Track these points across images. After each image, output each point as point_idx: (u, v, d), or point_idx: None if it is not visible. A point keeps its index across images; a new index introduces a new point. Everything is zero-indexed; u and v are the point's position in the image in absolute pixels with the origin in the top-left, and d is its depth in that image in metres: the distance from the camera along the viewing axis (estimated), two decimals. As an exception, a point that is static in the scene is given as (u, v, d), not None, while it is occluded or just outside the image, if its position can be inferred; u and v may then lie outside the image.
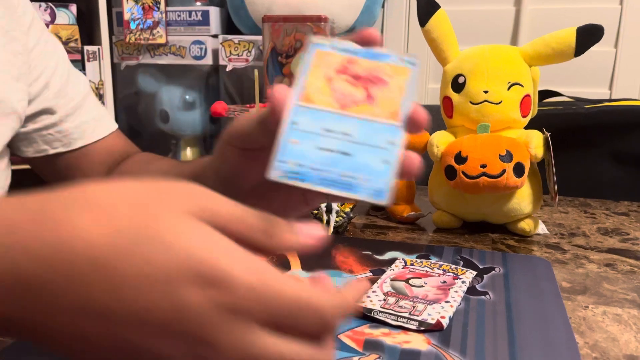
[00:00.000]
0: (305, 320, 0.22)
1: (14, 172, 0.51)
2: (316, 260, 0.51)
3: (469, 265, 0.52)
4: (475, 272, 0.49)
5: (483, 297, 0.45)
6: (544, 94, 0.93)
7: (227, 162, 0.34)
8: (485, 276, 0.49)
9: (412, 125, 0.29)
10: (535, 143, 0.59)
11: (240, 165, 0.34)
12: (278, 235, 0.24)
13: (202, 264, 0.21)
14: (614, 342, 0.39)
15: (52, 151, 0.51)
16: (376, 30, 0.31)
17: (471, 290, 0.46)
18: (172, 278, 0.20)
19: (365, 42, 0.31)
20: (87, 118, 0.52)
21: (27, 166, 0.57)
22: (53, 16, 1.06)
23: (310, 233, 0.25)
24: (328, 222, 0.60)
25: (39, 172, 0.55)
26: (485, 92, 0.60)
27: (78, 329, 0.21)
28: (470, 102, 0.61)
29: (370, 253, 0.54)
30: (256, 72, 0.64)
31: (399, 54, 0.31)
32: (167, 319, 0.21)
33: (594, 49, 0.59)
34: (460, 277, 0.47)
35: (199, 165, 0.41)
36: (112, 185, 0.23)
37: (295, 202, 0.36)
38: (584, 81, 1.14)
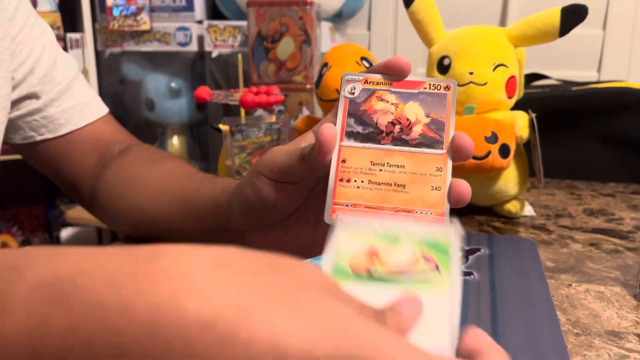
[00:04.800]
0: None
1: (2, 163, 0.50)
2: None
3: (454, 246, 0.52)
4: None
5: (468, 277, 0.45)
6: (532, 77, 0.93)
7: (258, 192, 0.33)
8: (470, 257, 0.49)
9: (457, 152, 0.28)
10: (520, 124, 0.59)
11: (272, 197, 0.33)
12: (387, 322, 0.20)
13: (349, 354, 0.16)
14: (595, 319, 0.39)
15: (38, 137, 0.50)
16: (404, 58, 0.30)
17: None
18: None
19: (395, 72, 0.30)
20: (74, 102, 0.51)
21: (17, 156, 0.55)
22: (34, 3, 1.04)
23: (411, 309, 0.21)
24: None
25: (29, 160, 0.54)
26: (471, 73, 0.60)
27: None
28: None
29: (356, 236, 0.54)
30: (239, 56, 0.63)
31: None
32: None
33: (582, 31, 0.59)
34: (445, 258, 0.47)
35: (218, 187, 0.40)
36: (218, 249, 0.18)
37: (323, 236, 0.35)
38: (572, 64, 1.14)
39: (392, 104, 0.30)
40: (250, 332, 0.15)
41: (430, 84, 0.30)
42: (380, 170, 0.29)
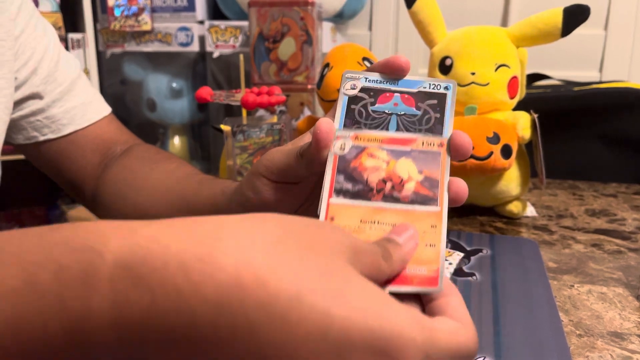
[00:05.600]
0: None
1: (4, 163, 0.50)
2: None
3: (456, 247, 0.52)
4: (462, 254, 0.49)
5: (469, 278, 0.45)
6: (534, 77, 0.93)
7: (258, 194, 0.33)
8: (472, 258, 0.49)
9: (455, 151, 0.29)
10: (522, 124, 0.59)
11: (272, 198, 0.33)
12: (393, 257, 0.24)
13: (380, 337, 0.19)
14: (598, 320, 0.39)
15: (41, 138, 0.50)
16: (404, 56, 0.30)
17: (458, 272, 0.46)
18: (350, 344, 0.18)
19: (394, 70, 0.31)
20: (77, 103, 0.51)
21: (19, 156, 0.55)
22: (36, 3, 1.04)
23: (406, 235, 0.25)
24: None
25: (31, 160, 0.54)
26: (473, 73, 0.60)
27: None
28: (458, 84, 0.61)
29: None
30: (241, 57, 0.63)
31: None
32: None
33: (583, 31, 0.59)
34: (447, 259, 0.47)
35: (218, 189, 0.40)
36: (264, 221, 0.21)
37: None
38: (574, 64, 1.14)
39: (383, 160, 0.30)
40: (301, 314, 0.18)
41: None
42: (370, 228, 0.28)
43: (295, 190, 0.33)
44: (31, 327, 0.18)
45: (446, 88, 0.30)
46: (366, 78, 0.31)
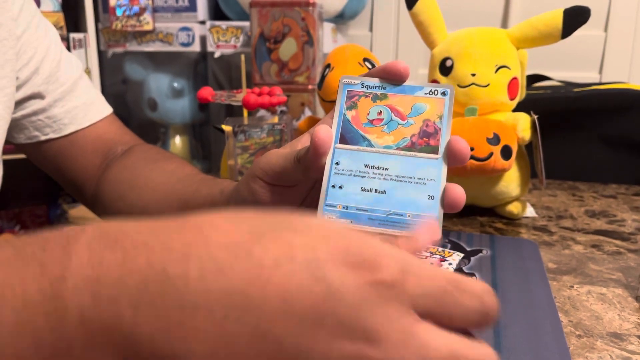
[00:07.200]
0: (464, 304, 0.19)
1: (5, 162, 0.50)
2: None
3: (456, 248, 0.52)
4: (462, 255, 0.49)
5: (469, 278, 0.45)
6: (534, 79, 0.93)
7: (255, 196, 0.33)
8: (472, 258, 0.49)
9: (452, 157, 0.29)
10: (522, 125, 0.59)
11: (267, 200, 0.33)
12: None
13: (349, 247, 0.19)
14: (597, 320, 0.39)
15: (43, 137, 0.51)
16: (403, 62, 0.30)
17: (458, 272, 0.46)
18: (319, 259, 0.19)
19: (393, 76, 0.31)
20: (78, 103, 0.52)
21: (19, 156, 0.56)
22: (37, 3, 1.04)
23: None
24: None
25: (33, 160, 0.54)
26: (473, 75, 0.60)
27: (212, 326, 0.18)
28: (458, 85, 0.61)
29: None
30: (242, 57, 0.63)
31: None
32: (316, 302, 0.18)
33: (583, 32, 0.59)
34: (447, 259, 0.48)
35: (217, 188, 0.40)
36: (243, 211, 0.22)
37: None
38: (574, 65, 1.14)
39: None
40: (264, 246, 0.19)
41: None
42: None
43: (291, 193, 0.33)
44: (12, 293, 0.19)
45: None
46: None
